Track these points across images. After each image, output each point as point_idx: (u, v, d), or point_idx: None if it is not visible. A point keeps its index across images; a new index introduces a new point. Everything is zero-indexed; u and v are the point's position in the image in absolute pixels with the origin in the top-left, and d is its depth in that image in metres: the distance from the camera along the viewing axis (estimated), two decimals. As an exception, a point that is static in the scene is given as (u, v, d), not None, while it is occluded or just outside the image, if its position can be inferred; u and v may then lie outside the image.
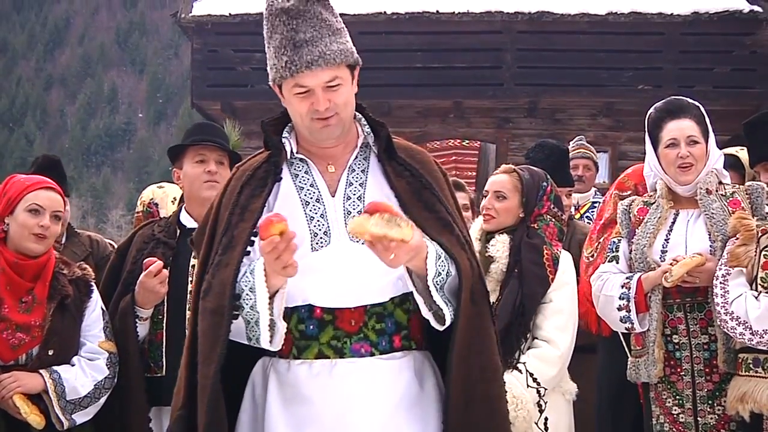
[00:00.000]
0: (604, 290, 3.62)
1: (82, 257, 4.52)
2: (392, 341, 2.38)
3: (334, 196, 2.43)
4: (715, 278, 3.40)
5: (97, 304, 3.48)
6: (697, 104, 3.69)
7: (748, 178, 4.34)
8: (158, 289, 3.49)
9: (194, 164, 3.74)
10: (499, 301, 3.56)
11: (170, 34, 73.92)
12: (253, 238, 2.33)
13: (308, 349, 2.37)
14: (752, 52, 13.59)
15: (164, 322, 3.58)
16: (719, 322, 3.37)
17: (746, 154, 4.50)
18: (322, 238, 2.38)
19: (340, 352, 2.35)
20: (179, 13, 14.13)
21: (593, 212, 5.56)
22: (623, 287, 3.56)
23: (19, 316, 3.26)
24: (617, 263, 3.67)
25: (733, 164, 4.35)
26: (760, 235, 3.38)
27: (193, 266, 3.56)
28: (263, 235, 2.17)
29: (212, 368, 2.25)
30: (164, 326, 3.58)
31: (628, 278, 3.58)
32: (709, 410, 3.47)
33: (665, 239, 3.58)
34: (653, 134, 3.68)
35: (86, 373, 3.36)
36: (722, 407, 3.43)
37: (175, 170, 3.84)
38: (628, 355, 3.72)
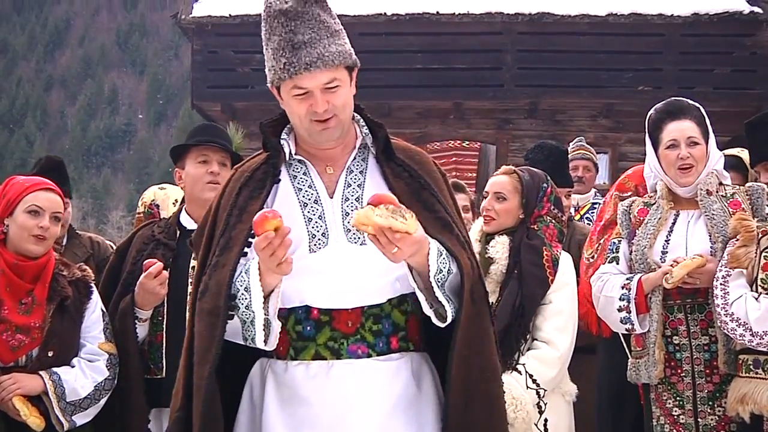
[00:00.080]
0: (604, 291, 3.62)
1: (82, 259, 4.51)
2: (389, 342, 2.38)
3: (332, 197, 2.42)
4: (715, 279, 3.40)
5: (96, 305, 3.48)
6: (697, 105, 3.68)
7: (750, 179, 4.34)
8: (158, 290, 3.49)
9: (197, 165, 3.74)
10: (498, 302, 3.56)
11: (170, 35, 73.96)
12: (250, 239, 2.32)
13: (305, 350, 2.36)
14: (752, 53, 13.59)
15: (164, 323, 3.58)
16: (719, 323, 3.37)
17: (747, 154, 4.50)
18: (320, 239, 2.38)
19: (337, 353, 2.35)
20: (179, 14, 14.13)
21: (593, 213, 5.57)
22: (623, 288, 3.56)
23: (18, 317, 3.26)
24: (617, 264, 3.67)
25: (735, 165, 4.35)
26: (760, 236, 3.38)
27: (193, 268, 3.55)
28: (258, 231, 2.17)
29: (207, 369, 2.25)
30: (164, 328, 3.58)
31: (628, 279, 3.58)
32: (709, 411, 3.47)
33: (665, 240, 3.58)
34: (653, 135, 3.68)
35: (86, 374, 3.36)
36: (722, 408, 3.43)
37: (177, 170, 3.84)
38: (628, 356, 3.71)
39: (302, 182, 2.44)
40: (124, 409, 3.47)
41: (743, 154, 4.56)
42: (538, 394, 3.48)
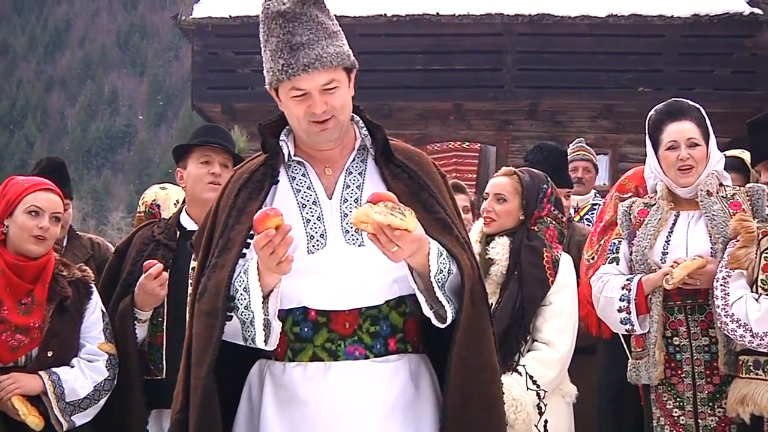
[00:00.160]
0: (604, 292, 3.62)
1: (83, 260, 4.51)
2: (387, 344, 2.38)
3: (331, 198, 2.42)
4: (715, 280, 3.39)
5: (96, 305, 3.48)
6: (697, 106, 3.68)
7: (752, 180, 4.33)
8: (158, 291, 3.49)
9: (199, 165, 3.74)
10: (499, 303, 3.55)
11: (171, 36, 73.95)
12: (249, 240, 2.32)
13: (303, 351, 2.36)
14: (752, 54, 13.60)
15: (164, 324, 3.58)
16: (719, 324, 3.37)
17: (748, 155, 4.49)
18: (318, 240, 2.37)
19: (334, 354, 2.34)
20: (180, 15, 14.15)
21: (593, 214, 5.56)
22: (624, 289, 3.56)
23: (18, 317, 3.26)
24: (617, 265, 3.67)
25: (737, 167, 4.35)
26: (760, 237, 3.37)
27: (193, 269, 3.55)
28: (259, 228, 2.17)
29: (204, 369, 2.25)
30: (164, 328, 3.58)
31: (628, 280, 3.58)
32: (709, 412, 3.46)
33: (666, 241, 3.58)
34: (653, 136, 3.68)
35: (86, 374, 3.36)
36: (723, 409, 3.43)
37: (178, 170, 3.83)
38: (628, 356, 3.71)
39: (301, 183, 2.44)
40: (123, 409, 3.47)
41: (744, 155, 4.55)
42: (538, 395, 3.48)
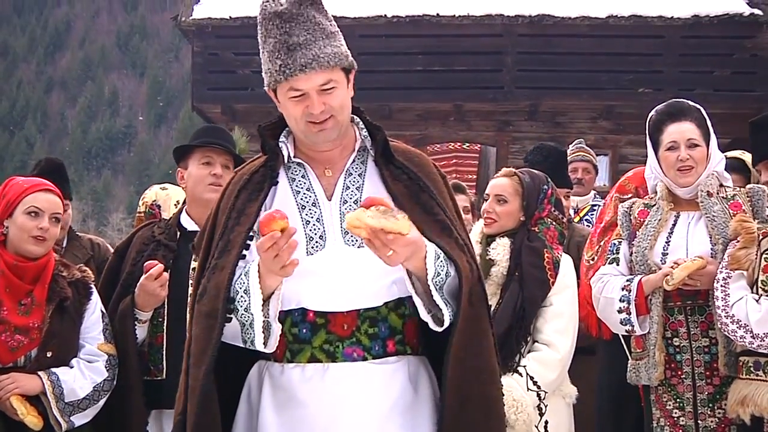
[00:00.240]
0: (604, 292, 3.62)
1: (83, 260, 4.51)
2: (386, 346, 2.37)
3: (330, 199, 2.42)
4: (715, 281, 3.39)
5: (96, 306, 3.48)
6: (698, 107, 3.68)
7: (752, 181, 4.33)
8: (158, 292, 3.48)
9: (200, 165, 3.74)
10: (499, 304, 3.55)
11: (171, 37, 73.96)
12: (249, 241, 2.32)
13: (301, 352, 2.36)
14: (752, 55, 13.61)
15: (164, 325, 3.57)
16: (720, 325, 3.37)
17: (749, 156, 4.49)
18: (317, 242, 2.37)
19: (332, 356, 2.34)
20: (180, 16, 14.16)
21: (593, 215, 5.56)
22: (624, 289, 3.56)
23: (18, 318, 3.26)
24: (618, 265, 3.67)
25: (737, 168, 4.34)
26: (761, 238, 3.37)
27: (193, 269, 3.55)
28: (264, 230, 2.16)
29: (202, 370, 2.24)
30: (164, 329, 3.57)
31: (628, 280, 3.57)
32: (709, 413, 3.46)
33: (666, 241, 3.58)
34: (654, 137, 3.67)
35: (85, 375, 3.35)
36: (723, 410, 3.43)
37: (179, 170, 3.83)
38: (628, 357, 3.71)
39: (300, 185, 2.44)
40: (123, 409, 3.47)
41: (745, 156, 4.55)
42: (538, 396, 3.47)
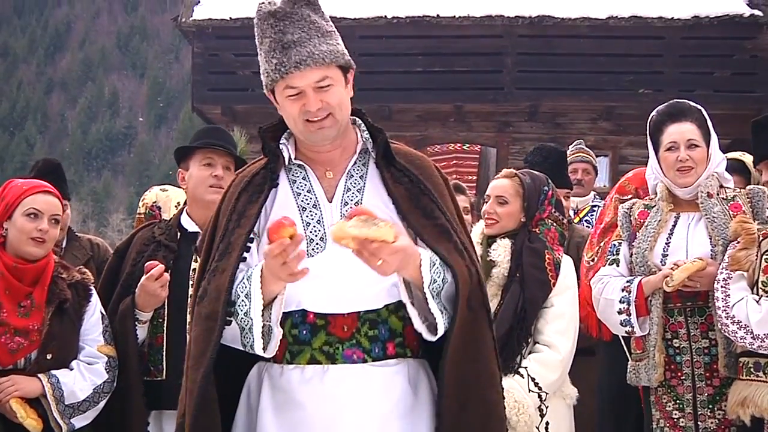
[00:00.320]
0: (604, 293, 3.62)
1: (83, 261, 4.52)
2: (386, 348, 2.37)
3: (331, 201, 2.41)
4: (716, 282, 3.39)
5: (96, 308, 3.47)
6: (699, 108, 3.67)
7: (753, 182, 4.32)
8: (159, 292, 3.48)
9: (201, 167, 3.73)
10: (500, 305, 3.55)
11: (171, 38, 73.93)
12: (249, 244, 2.32)
13: (301, 354, 2.35)
14: (753, 56, 13.61)
15: (165, 325, 3.57)
16: (720, 326, 3.36)
17: (749, 157, 4.49)
18: (318, 243, 2.37)
19: (332, 357, 2.33)
20: (180, 17, 14.16)
21: (592, 216, 5.56)
22: (624, 291, 3.56)
23: (17, 320, 3.26)
24: (618, 266, 3.67)
25: (738, 169, 4.34)
26: (761, 238, 3.37)
27: (193, 270, 3.55)
28: (273, 237, 2.15)
29: (201, 372, 2.24)
30: (165, 330, 3.57)
31: (628, 282, 3.57)
32: (709, 414, 3.46)
33: (666, 243, 3.58)
34: (654, 137, 3.67)
35: (85, 377, 3.35)
36: (722, 411, 3.43)
37: (180, 171, 3.82)
38: (628, 358, 3.71)
39: (301, 187, 2.43)
40: (123, 410, 3.47)
41: (745, 157, 4.55)
42: (540, 397, 3.47)
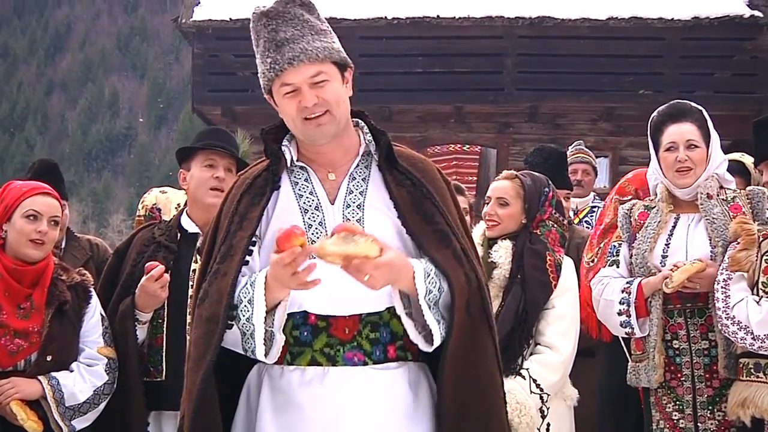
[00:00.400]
0: (604, 294, 3.62)
1: (82, 261, 4.52)
2: (386, 351, 2.36)
3: (333, 203, 2.41)
4: (716, 283, 3.39)
5: (96, 309, 3.47)
6: (699, 108, 3.67)
7: (753, 183, 4.32)
8: (159, 293, 3.48)
9: (203, 168, 3.73)
10: (502, 307, 3.55)
11: (171, 39, 73.88)
12: (251, 247, 2.32)
13: (301, 355, 2.35)
14: (753, 57, 13.62)
15: (164, 326, 3.57)
16: (720, 326, 3.36)
17: (749, 158, 4.49)
18: None
19: (332, 359, 2.33)
20: (180, 18, 14.17)
21: (592, 217, 5.56)
22: (623, 292, 3.56)
23: (17, 322, 3.26)
24: (618, 267, 3.67)
25: (738, 170, 4.33)
26: (761, 239, 3.37)
27: (193, 271, 3.55)
28: (284, 245, 2.14)
29: (200, 375, 2.24)
30: (164, 330, 3.57)
31: (628, 283, 3.57)
32: (709, 416, 3.46)
33: (666, 244, 3.57)
34: (655, 138, 3.68)
35: (85, 379, 3.35)
36: (722, 413, 3.43)
37: (181, 171, 3.81)
38: (628, 359, 3.71)
39: (303, 189, 2.43)
40: (123, 411, 3.47)
41: (744, 158, 4.55)
42: (541, 398, 3.47)
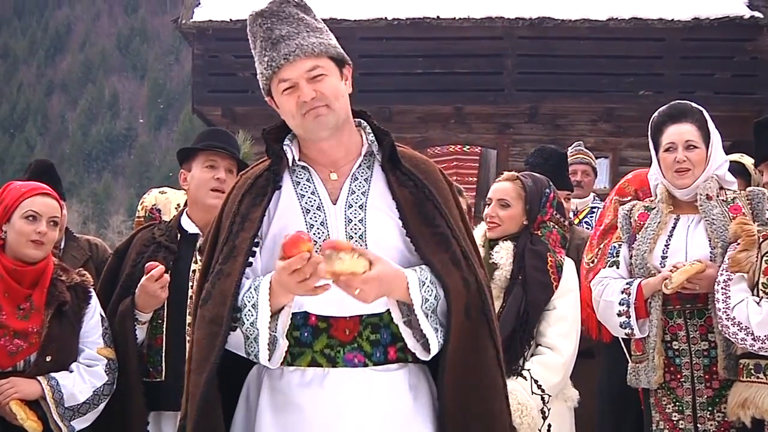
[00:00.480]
0: (604, 295, 3.62)
1: (81, 261, 4.52)
2: (387, 352, 2.36)
3: (335, 203, 2.40)
4: (716, 283, 3.39)
5: (95, 310, 3.47)
6: (700, 109, 3.66)
7: (753, 183, 4.32)
8: (159, 293, 3.48)
9: (204, 169, 3.73)
10: (503, 308, 3.55)
11: (171, 39, 73.89)
12: (254, 248, 2.32)
13: (302, 356, 2.34)
14: (753, 57, 13.62)
15: (164, 326, 3.57)
16: (720, 327, 3.36)
17: (748, 159, 4.49)
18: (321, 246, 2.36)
19: (332, 361, 2.33)
20: (180, 18, 14.16)
21: (592, 218, 5.56)
22: (623, 293, 3.56)
23: (17, 322, 3.26)
24: (617, 268, 3.67)
25: (737, 171, 4.33)
26: (761, 240, 3.37)
27: (193, 271, 3.56)
28: (291, 251, 2.14)
29: (204, 377, 2.24)
30: (164, 331, 3.57)
31: (628, 284, 3.57)
32: (708, 417, 3.46)
33: (665, 245, 3.57)
34: (655, 138, 3.68)
35: (85, 379, 3.35)
36: (722, 414, 3.43)
37: (182, 172, 3.80)
38: (628, 360, 3.71)
39: (305, 189, 2.42)
40: (123, 411, 3.47)
41: (744, 159, 4.55)
42: (542, 399, 3.47)
